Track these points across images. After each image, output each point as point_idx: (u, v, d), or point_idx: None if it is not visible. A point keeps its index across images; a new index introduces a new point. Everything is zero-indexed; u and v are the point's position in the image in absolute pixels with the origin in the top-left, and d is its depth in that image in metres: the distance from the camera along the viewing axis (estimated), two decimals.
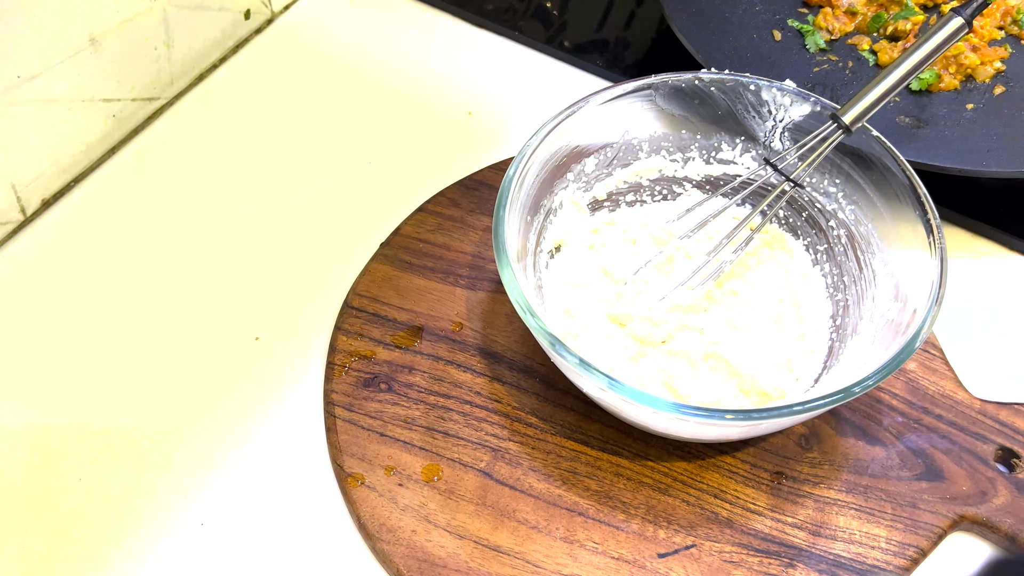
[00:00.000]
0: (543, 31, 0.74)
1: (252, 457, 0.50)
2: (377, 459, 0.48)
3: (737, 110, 0.54)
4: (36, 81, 0.57)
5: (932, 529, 0.46)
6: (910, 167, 0.48)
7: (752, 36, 0.69)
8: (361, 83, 0.70)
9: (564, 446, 0.49)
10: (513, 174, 0.48)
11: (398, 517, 0.46)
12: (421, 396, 0.51)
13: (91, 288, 0.57)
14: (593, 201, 0.56)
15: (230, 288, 0.57)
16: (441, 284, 0.56)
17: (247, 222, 0.61)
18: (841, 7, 0.69)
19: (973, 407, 0.50)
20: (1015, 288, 0.58)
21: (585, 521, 0.47)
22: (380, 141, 0.66)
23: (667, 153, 0.56)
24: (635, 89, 0.52)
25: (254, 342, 0.55)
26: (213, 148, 0.65)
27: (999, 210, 0.61)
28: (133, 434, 0.50)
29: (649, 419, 0.44)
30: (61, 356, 0.54)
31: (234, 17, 0.71)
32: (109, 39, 0.61)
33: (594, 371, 0.41)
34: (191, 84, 0.69)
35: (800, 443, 0.49)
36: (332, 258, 0.58)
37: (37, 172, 0.60)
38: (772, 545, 0.46)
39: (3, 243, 0.59)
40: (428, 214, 0.59)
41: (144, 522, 0.47)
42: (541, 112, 0.53)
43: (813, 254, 0.55)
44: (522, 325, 0.48)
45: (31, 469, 0.49)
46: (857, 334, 0.49)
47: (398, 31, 0.74)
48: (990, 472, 0.48)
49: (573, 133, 0.52)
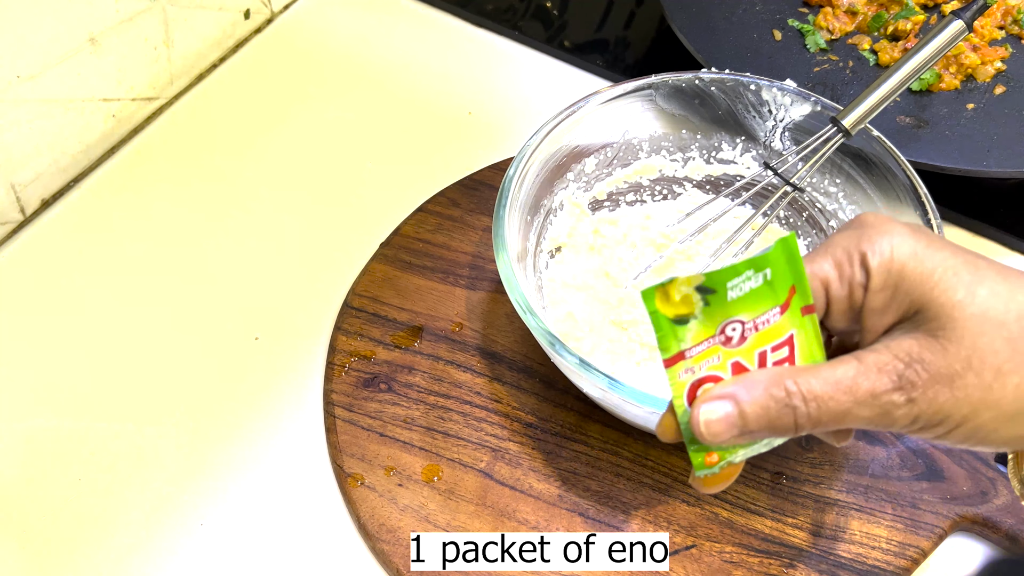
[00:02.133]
0: (543, 31, 0.74)
1: (252, 457, 0.50)
2: (377, 459, 0.48)
3: (737, 110, 0.54)
4: (36, 81, 0.57)
5: (933, 529, 0.46)
6: (911, 167, 0.48)
7: (752, 36, 0.69)
8: (361, 83, 0.70)
9: (564, 446, 0.49)
10: (513, 174, 0.48)
11: (398, 517, 0.46)
12: (421, 396, 0.51)
13: (91, 288, 0.57)
14: (593, 201, 0.56)
15: (230, 288, 0.57)
16: (441, 284, 0.56)
17: (247, 222, 0.61)
18: (841, 7, 0.69)
19: None
20: None
21: (585, 521, 0.47)
22: (380, 141, 0.66)
23: (667, 153, 0.56)
24: (635, 89, 0.52)
25: (254, 342, 0.55)
26: (213, 148, 0.65)
27: (999, 210, 0.61)
28: (133, 434, 0.50)
29: (649, 420, 0.44)
30: (61, 356, 0.54)
31: (234, 17, 0.71)
32: (109, 39, 0.60)
33: (594, 371, 0.41)
34: (191, 84, 0.69)
35: (800, 443, 0.49)
36: (332, 258, 0.58)
37: (37, 172, 0.60)
38: (772, 545, 0.46)
39: (2, 243, 0.59)
40: (428, 214, 0.59)
41: (144, 522, 0.47)
42: (541, 112, 0.53)
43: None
44: (522, 325, 0.48)
45: (31, 469, 0.49)
46: None
47: (398, 31, 0.74)
48: (990, 472, 0.48)
49: (573, 133, 0.52)
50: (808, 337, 0.33)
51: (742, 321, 0.32)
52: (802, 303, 0.32)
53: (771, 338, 0.32)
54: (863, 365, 0.31)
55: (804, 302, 0.32)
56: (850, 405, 0.30)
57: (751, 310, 0.32)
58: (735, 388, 0.31)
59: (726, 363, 0.32)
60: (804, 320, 0.32)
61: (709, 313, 0.31)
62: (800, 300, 0.32)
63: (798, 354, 0.33)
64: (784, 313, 0.32)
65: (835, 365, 0.31)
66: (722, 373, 0.32)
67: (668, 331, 0.31)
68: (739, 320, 0.32)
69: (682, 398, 0.32)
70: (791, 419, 0.31)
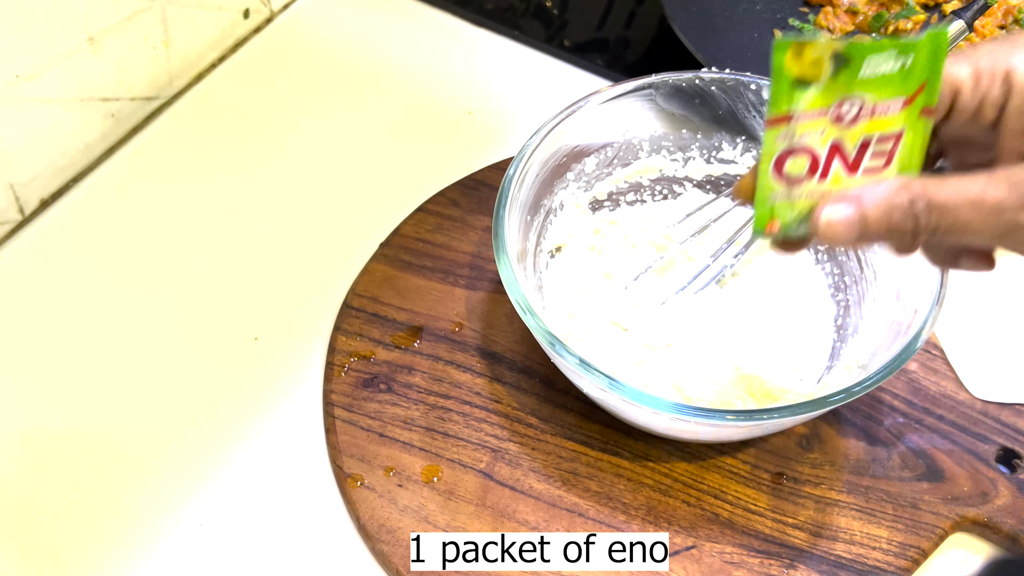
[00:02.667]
0: (543, 31, 0.73)
1: (251, 458, 0.50)
2: (376, 460, 0.48)
3: (738, 109, 0.54)
4: (35, 80, 0.57)
5: (933, 530, 0.46)
6: None
7: (753, 35, 0.69)
8: (361, 83, 0.70)
9: (564, 447, 0.49)
10: (513, 174, 0.48)
11: (398, 518, 0.46)
12: (421, 396, 0.51)
13: (90, 288, 0.57)
14: (593, 201, 0.56)
15: (229, 288, 0.57)
16: (441, 284, 0.55)
17: (246, 222, 0.61)
18: (842, 6, 0.69)
19: (974, 407, 0.50)
20: (1016, 288, 0.58)
21: (585, 522, 0.46)
22: (380, 141, 0.66)
23: (668, 152, 0.56)
24: (635, 88, 0.52)
25: (253, 342, 0.54)
26: (212, 148, 0.65)
27: None
28: (133, 434, 0.50)
29: (650, 420, 0.44)
30: (60, 356, 0.54)
31: (233, 16, 0.70)
32: (108, 38, 0.60)
33: (594, 371, 0.41)
34: (190, 83, 0.69)
35: (801, 444, 0.49)
36: (332, 258, 0.58)
37: (35, 172, 0.60)
38: (773, 546, 0.46)
39: (1, 243, 0.59)
40: (428, 214, 0.59)
41: (144, 522, 0.47)
42: (541, 112, 0.53)
43: (814, 254, 0.55)
44: (522, 325, 0.48)
45: (30, 469, 0.49)
46: (858, 334, 0.49)
47: (398, 31, 0.74)
48: (991, 472, 0.48)
49: (573, 133, 0.52)
50: (915, 140, 0.32)
51: (863, 101, 0.31)
52: (925, 102, 0.31)
53: (882, 127, 0.32)
54: (993, 179, 0.30)
55: (928, 102, 0.31)
56: (972, 216, 0.30)
57: (877, 92, 0.31)
58: (861, 191, 0.31)
59: (827, 140, 0.32)
60: (919, 121, 0.32)
61: (833, 83, 0.31)
62: (925, 99, 0.31)
63: (899, 154, 0.32)
64: (906, 107, 0.31)
65: (963, 177, 0.31)
66: (819, 149, 0.32)
67: (785, 89, 0.31)
68: (860, 99, 0.31)
69: (769, 163, 0.32)
70: (911, 225, 0.31)
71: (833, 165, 0.33)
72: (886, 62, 0.30)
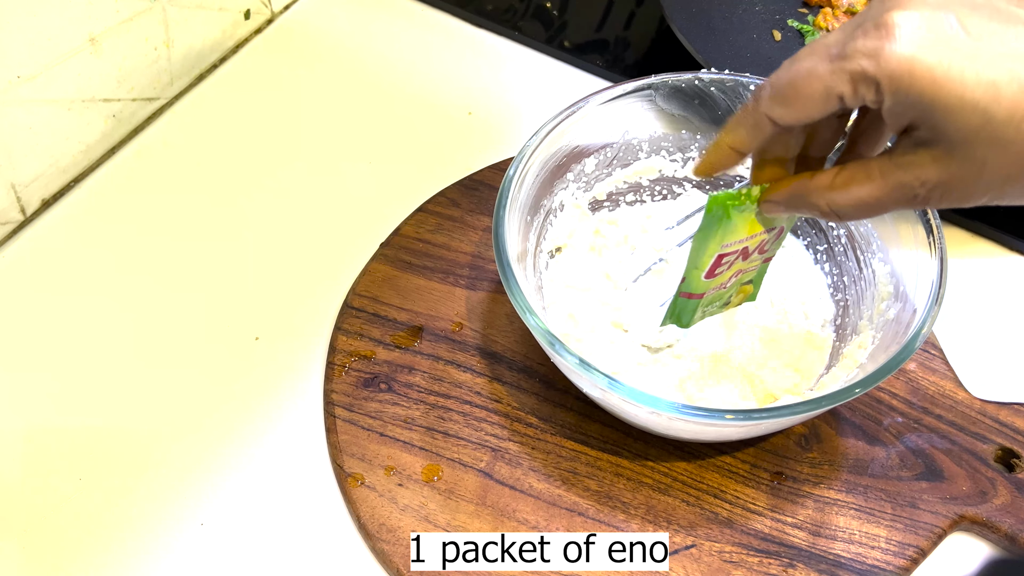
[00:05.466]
0: (543, 31, 0.74)
1: (252, 457, 0.50)
2: (377, 459, 0.48)
3: (737, 110, 0.54)
4: (36, 81, 0.57)
5: (932, 529, 0.46)
6: None
7: (752, 36, 0.69)
8: (361, 83, 0.70)
9: (564, 446, 0.49)
10: (513, 174, 0.48)
11: (398, 517, 0.46)
12: (421, 396, 0.51)
13: (91, 288, 0.57)
14: (593, 201, 0.56)
15: (230, 288, 0.57)
16: (441, 284, 0.56)
17: (247, 222, 0.61)
18: (841, 7, 0.69)
19: (973, 407, 0.50)
20: (1015, 288, 0.58)
21: (585, 521, 0.47)
22: (380, 141, 0.66)
23: (667, 153, 0.56)
24: (635, 89, 0.52)
25: (254, 342, 0.55)
26: (213, 148, 0.65)
27: (999, 210, 0.61)
28: (133, 434, 0.50)
29: (649, 419, 0.44)
30: (61, 356, 0.54)
31: (234, 17, 0.71)
32: (109, 39, 0.60)
33: (594, 371, 0.41)
34: (191, 84, 0.69)
35: (800, 443, 0.49)
36: (332, 258, 0.58)
37: (37, 172, 0.60)
38: (772, 545, 0.46)
39: (3, 243, 0.59)
40: (428, 214, 0.59)
41: (144, 522, 0.47)
42: (541, 112, 0.53)
43: (813, 254, 0.55)
44: (522, 325, 0.48)
45: (31, 469, 0.49)
46: (857, 334, 0.49)
47: (398, 31, 0.74)
48: (990, 472, 0.48)
49: (573, 133, 0.52)
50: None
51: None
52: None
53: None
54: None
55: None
56: (867, 214, 0.36)
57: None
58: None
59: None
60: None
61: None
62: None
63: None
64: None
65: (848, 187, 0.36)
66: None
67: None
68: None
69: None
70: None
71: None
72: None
